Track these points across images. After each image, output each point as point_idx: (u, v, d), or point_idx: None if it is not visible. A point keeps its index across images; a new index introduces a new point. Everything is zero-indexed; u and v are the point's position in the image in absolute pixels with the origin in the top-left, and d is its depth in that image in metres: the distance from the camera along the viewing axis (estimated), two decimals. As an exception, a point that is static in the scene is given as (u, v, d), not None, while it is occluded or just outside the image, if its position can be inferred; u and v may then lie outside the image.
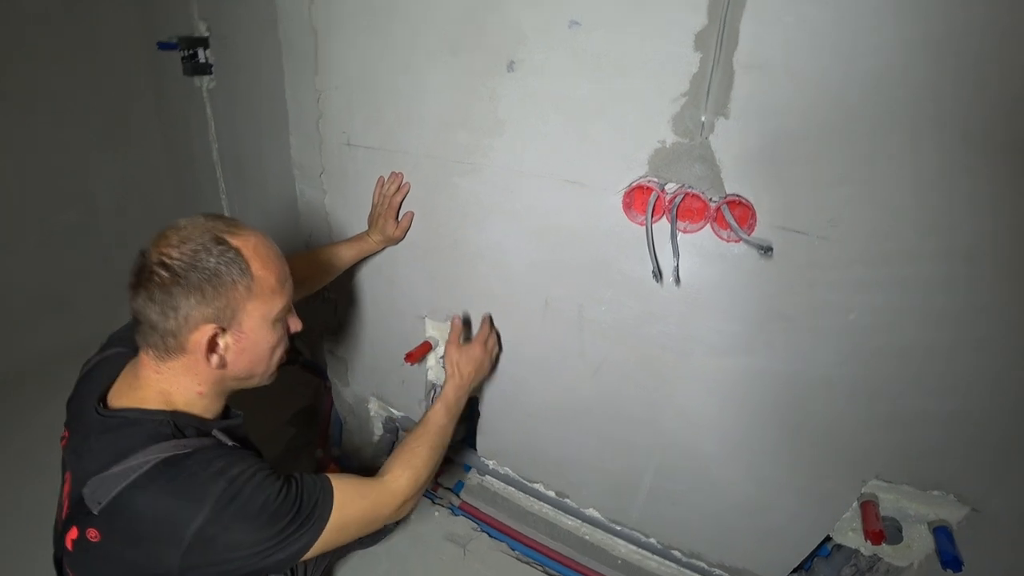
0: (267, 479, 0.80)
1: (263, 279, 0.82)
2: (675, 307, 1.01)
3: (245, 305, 0.81)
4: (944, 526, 0.97)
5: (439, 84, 1.06)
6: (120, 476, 0.74)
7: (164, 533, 0.73)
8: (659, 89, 0.86)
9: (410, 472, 0.99)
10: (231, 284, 0.78)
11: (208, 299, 0.77)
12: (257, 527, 0.76)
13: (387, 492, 0.95)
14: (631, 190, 0.93)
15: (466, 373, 1.17)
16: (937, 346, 0.83)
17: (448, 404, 1.13)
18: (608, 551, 1.57)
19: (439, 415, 1.11)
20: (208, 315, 0.78)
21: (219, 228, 0.80)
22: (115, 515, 0.74)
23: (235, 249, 0.79)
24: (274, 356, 0.91)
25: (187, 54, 1.85)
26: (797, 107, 0.77)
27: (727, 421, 1.08)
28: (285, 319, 0.90)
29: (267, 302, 0.84)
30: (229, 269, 0.78)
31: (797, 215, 0.84)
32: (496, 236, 1.14)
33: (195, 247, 0.76)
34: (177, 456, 0.77)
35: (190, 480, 0.75)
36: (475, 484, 1.76)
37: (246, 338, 0.83)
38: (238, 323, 0.82)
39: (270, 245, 0.86)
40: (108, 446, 0.77)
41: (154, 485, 0.74)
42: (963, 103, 0.69)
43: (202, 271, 0.76)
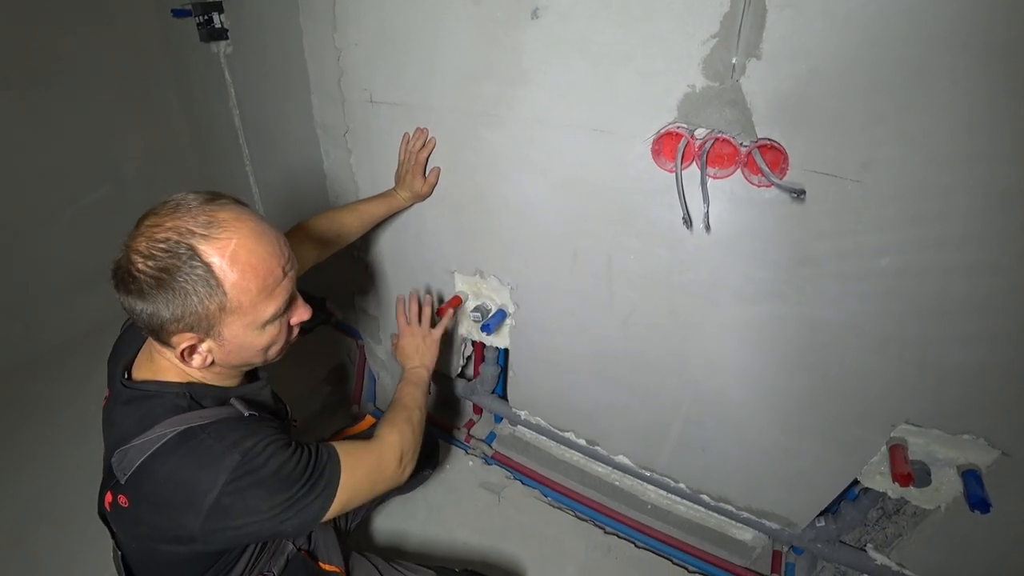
0: (280, 448, 0.81)
1: (240, 293, 0.75)
2: (705, 255, 1.00)
3: (222, 319, 0.76)
4: (973, 469, 0.98)
5: (461, 35, 1.04)
6: (141, 448, 0.76)
7: (184, 501, 0.75)
8: (688, 31, 0.83)
9: (396, 430, 1.04)
10: (199, 303, 0.73)
11: (177, 315, 0.73)
12: (271, 492, 0.78)
13: (385, 448, 0.99)
14: (660, 137, 0.92)
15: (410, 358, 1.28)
16: (973, 293, 0.82)
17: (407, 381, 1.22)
18: (638, 496, 1.62)
19: (404, 389, 1.19)
20: (181, 327, 0.74)
21: (195, 230, 0.72)
22: (139, 484, 0.76)
23: (205, 264, 0.71)
24: (270, 351, 0.87)
25: (202, 20, 1.83)
26: (831, 46, 0.75)
27: (755, 368, 1.09)
28: (281, 318, 0.84)
29: (247, 314, 0.78)
30: (197, 288, 0.72)
31: (830, 158, 0.82)
32: (523, 188, 1.14)
33: (163, 260, 0.70)
34: (193, 428, 0.77)
35: (207, 452, 0.76)
36: (507, 434, 1.81)
37: (230, 344, 0.80)
38: (218, 333, 0.78)
39: (257, 245, 0.76)
40: (129, 418, 0.80)
41: (173, 456, 0.75)
42: (1010, 36, 0.65)
43: (168, 290, 0.71)
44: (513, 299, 1.34)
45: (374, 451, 0.98)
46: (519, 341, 1.43)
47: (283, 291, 0.81)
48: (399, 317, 1.33)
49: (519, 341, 1.43)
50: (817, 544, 1.32)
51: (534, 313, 1.34)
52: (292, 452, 0.82)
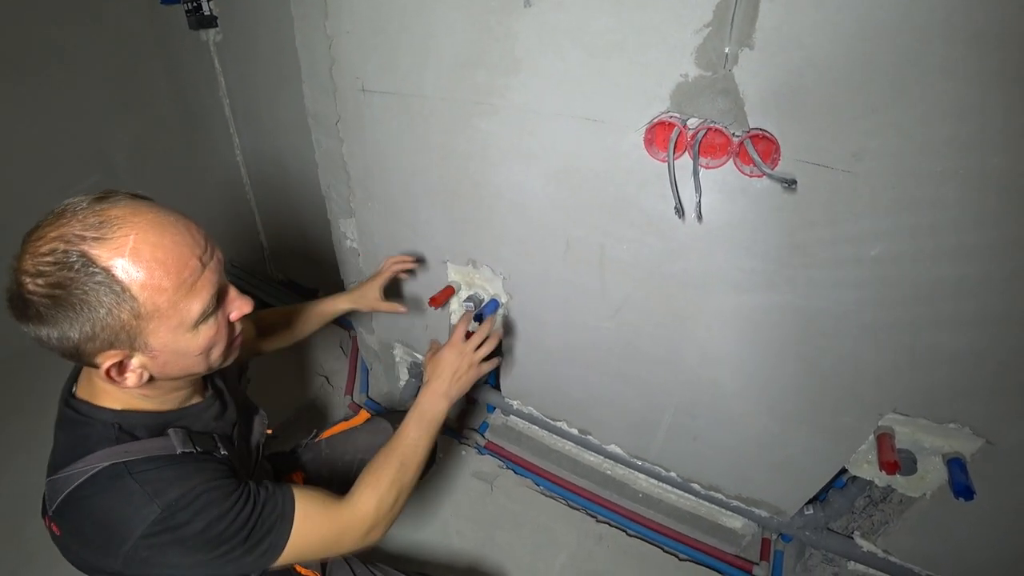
0: (214, 501, 0.73)
1: (153, 294, 0.66)
2: (697, 244, 1.01)
3: (141, 327, 0.67)
4: (958, 457, 0.99)
5: (454, 23, 1.03)
6: (67, 480, 0.71)
7: (102, 543, 0.71)
8: (681, 20, 0.83)
9: (377, 496, 0.90)
10: (108, 314, 0.64)
11: (88, 333, 0.64)
12: (193, 551, 0.72)
13: (354, 517, 0.87)
14: (653, 126, 0.92)
15: (441, 379, 1.05)
16: (962, 284, 0.83)
17: (420, 414, 1.02)
18: (629, 485, 1.63)
19: (410, 429, 1.00)
20: (99, 345, 0.66)
21: (85, 234, 0.63)
22: (65, 517, 0.72)
23: (103, 270, 0.62)
24: (212, 354, 0.77)
25: (191, 7, 1.81)
26: (824, 36, 0.75)
27: (747, 358, 1.10)
28: (218, 312, 0.75)
29: (171, 316, 0.68)
30: (100, 299, 0.63)
31: (821, 149, 0.82)
32: (516, 177, 1.14)
33: (54, 275, 0.61)
34: (117, 466, 0.71)
35: (127, 498, 0.70)
36: (500, 424, 1.82)
37: (163, 353, 0.71)
38: (143, 344, 0.69)
39: (161, 237, 0.66)
40: (61, 444, 0.76)
41: (94, 494, 0.70)
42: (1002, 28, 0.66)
43: (68, 307, 0.62)
44: (506, 289, 1.34)
45: (341, 517, 0.86)
46: (512, 331, 1.44)
47: (207, 284, 0.71)
48: (460, 328, 1.12)
49: (512, 331, 1.44)
50: (805, 531, 1.34)
51: (527, 303, 1.34)
52: (231, 505, 0.74)
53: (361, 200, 1.45)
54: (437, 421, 1.03)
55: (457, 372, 1.07)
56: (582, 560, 1.48)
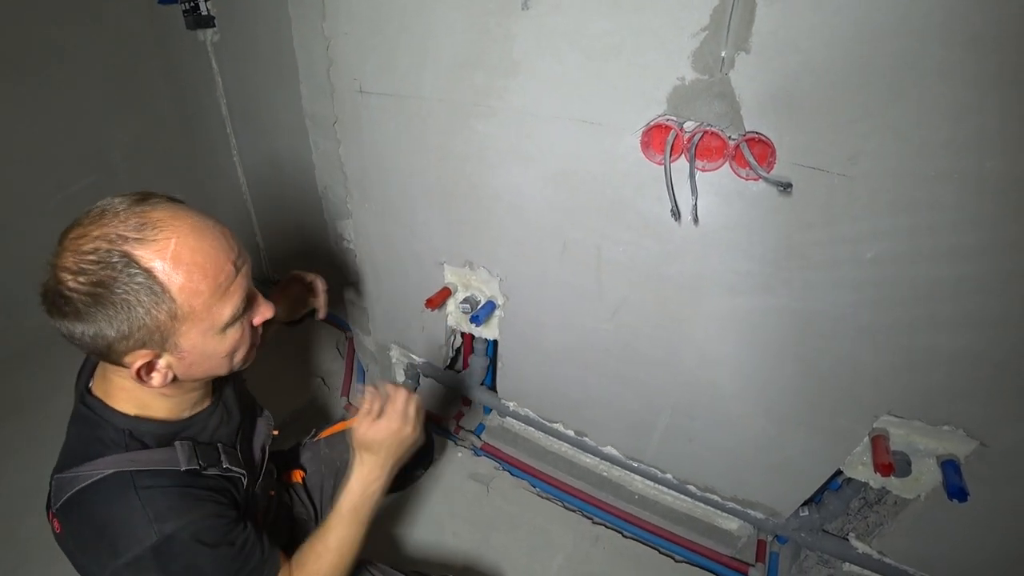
0: (202, 542, 0.74)
1: (190, 297, 0.67)
2: (693, 247, 1.01)
3: (175, 328, 0.69)
4: (952, 459, 1.00)
5: (452, 25, 1.03)
6: (73, 481, 0.72)
7: (95, 551, 0.72)
8: (678, 24, 0.84)
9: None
10: (146, 314, 0.65)
11: (124, 332, 0.65)
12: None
13: None
14: (649, 129, 0.92)
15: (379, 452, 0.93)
16: (958, 287, 0.84)
17: (351, 510, 0.92)
18: (625, 487, 1.64)
19: (338, 528, 0.91)
20: (132, 344, 0.67)
21: (127, 235, 0.64)
22: (67, 516, 0.73)
23: (145, 271, 0.64)
24: (236, 357, 0.79)
25: (188, 7, 1.81)
26: (820, 40, 0.75)
27: (743, 360, 1.10)
28: (242, 319, 0.77)
29: (203, 319, 0.70)
30: (140, 299, 0.64)
31: (817, 152, 0.83)
32: (513, 179, 1.14)
33: (96, 274, 0.63)
34: (123, 475, 0.72)
35: (128, 513, 0.70)
36: (496, 426, 1.82)
37: (191, 354, 0.73)
38: (174, 344, 0.70)
39: (200, 242, 0.68)
40: (72, 442, 0.77)
41: (98, 500, 0.71)
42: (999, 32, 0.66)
43: (108, 305, 0.63)
44: (502, 291, 1.35)
45: None
46: (508, 332, 1.44)
47: (239, 289, 0.73)
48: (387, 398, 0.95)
49: (508, 332, 1.44)
50: (801, 533, 1.35)
51: (523, 305, 1.34)
52: (221, 547, 0.75)
53: (358, 201, 1.45)
54: (370, 508, 0.94)
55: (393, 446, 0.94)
56: (578, 562, 1.48)
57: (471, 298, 1.40)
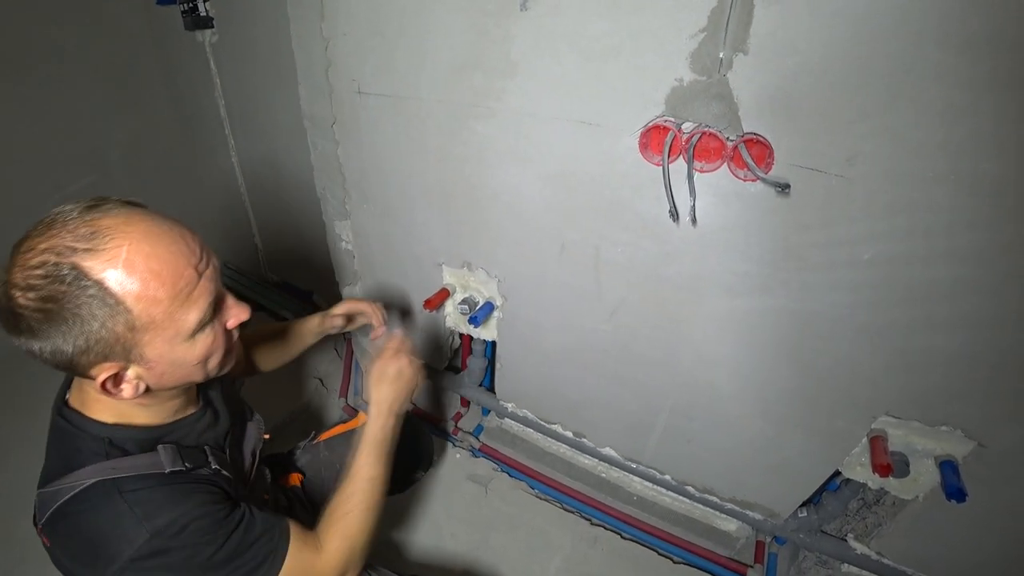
0: (198, 530, 0.72)
1: (149, 305, 0.64)
2: (691, 247, 1.01)
3: (137, 339, 0.66)
4: (950, 460, 1.00)
5: (450, 26, 1.04)
6: (55, 496, 0.70)
7: (89, 562, 0.69)
8: (676, 25, 0.84)
9: (349, 545, 0.88)
10: (101, 327, 0.62)
11: (82, 346, 0.62)
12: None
13: (327, 563, 0.86)
14: (647, 130, 0.92)
15: (384, 394, 1.01)
16: (955, 288, 0.84)
17: (374, 445, 0.97)
18: (624, 488, 1.63)
19: (367, 465, 0.95)
20: (93, 359, 0.64)
21: (75, 246, 0.61)
22: (55, 530, 0.71)
23: (95, 283, 0.61)
24: (210, 363, 0.76)
25: (187, 8, 1.81)
26: (817, 41, 0.75)
27: (741, 361, 1.11)
28: (214, 321, 0.74)
29: (167, 327, 0.67)
30: (93, 311, 0.61)
31: (815, 153, 0.83)
32: (512, 180, 1.14)
33: (45, 289, 0.60)
34: (106, 483, 0.69)
35: (116, 518, 0.68)
36: (494, 427, 1.82)
37: (160, 364, 0.70)
38: (139, 356, 0.67)
39: (155, 247, 0.65)
40: (52, 456, 0.75)
41: (83, 511, 0.69)
42: (993, 35, 0.66)
43: (60, 321, 0.60)
44: (501, 292, 1.35)
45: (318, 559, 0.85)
46: (507, 334, 1.44)
47: (204, 293, 0.70)
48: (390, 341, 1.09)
49: (507, 334, 1.44)
50: (799, 534, 1.35)
51: (522, 306, 1.34)
52: (219, 533, 0.73)
53: (356, 202, 1.45)
54: (391, 443, 0.99)
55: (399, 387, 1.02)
56: (577, 563, 1.48)
57: (469, 299, 1.40)
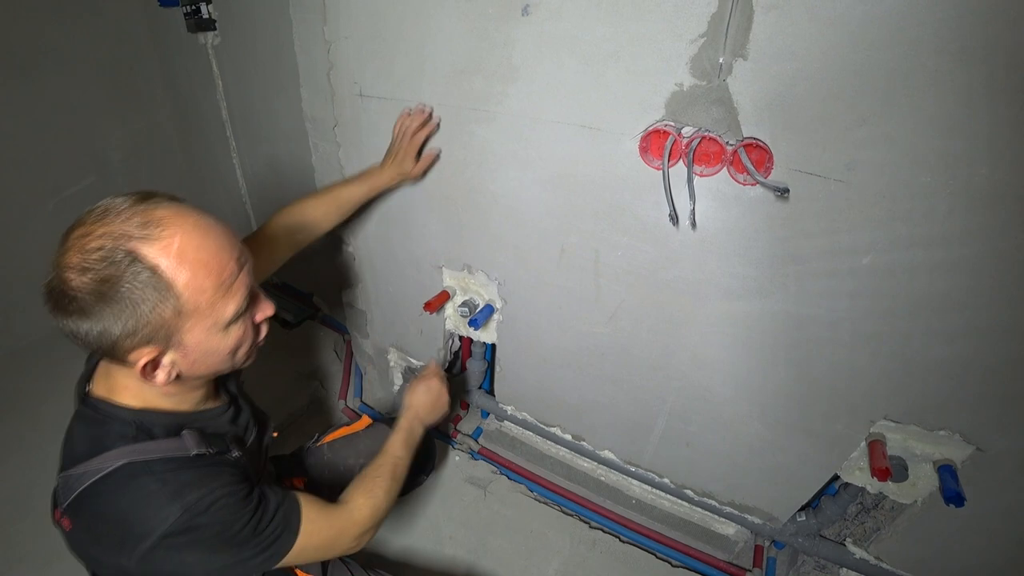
0: (230, 506, 0.75)
1: (195, 294, 0.69)
2: (691, 251, 1.02)
3: (180, 325, 0.70)
4: (949, 464, 1.00)
5: (452, 30, 1.04)
6: (82, 477, 0.72)
7: (118, 541, 0.71)
8: (676, 31, 0.84)
9: (372, 503, 0.98)
10: (151, 311, 0.66)
11: (129, 329, 0.66)
12: (209, 552, 0.74)
13: (350, 522, 0.93)
14: (648, 134, 0.93)
15: (419, 403, 1.21)
16: (952, 292, 0.84)
17: (408, 435, 1.15)
18: (623, 491, 1.63)
19: (397, 446, 1.11)
20: (137, 342, 0.68)
21: (131, 233, 0.65)
22: (78, 513, 0.73)
23: (150, 268, 0.65)
24: (238, 354, 0.81)
25: (189, 10, 1.81)
26: (817, 47, 0.76)
27: (740, 364, 1.11)
28: (244, 316, 0.78)
29: (207, 316, 0.72)
30: (145, 295, 0.65)
31: (814, 158, 0.83)
32: (512, 183, 1.14)
33: (102, 271, 0.63)
34: (135, 464, 0.72)
35: (147, 497, 0.71)
36: (493, 430, 1.82)
37: (195, 351, 0.74)
38: (178, 342, 0.71)
39: (204, 240, 0.70)
40: (76, 441, 0.77)
41: (112, 492, 0.71)
42: (988, 42, 0.67)
43: (113, 302, 0.64)
44: (501, 294, 1.35)
45: (337, 522, 0.92)
46: (506, 336, 1.44)
47: (241, 286, 0.75)
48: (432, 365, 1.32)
49: (506, 336, 1.44)
50: (798, 538, 1.35)
51: (521, 308, 1.34)
52: (244, 509, 0.77)
53: (357, 204, 1.45)
54: (417, 441, 1.17)
55: (439, 398, 1.25)
56: (575, 566, 1.48)
57: (469, 302, 1.40)
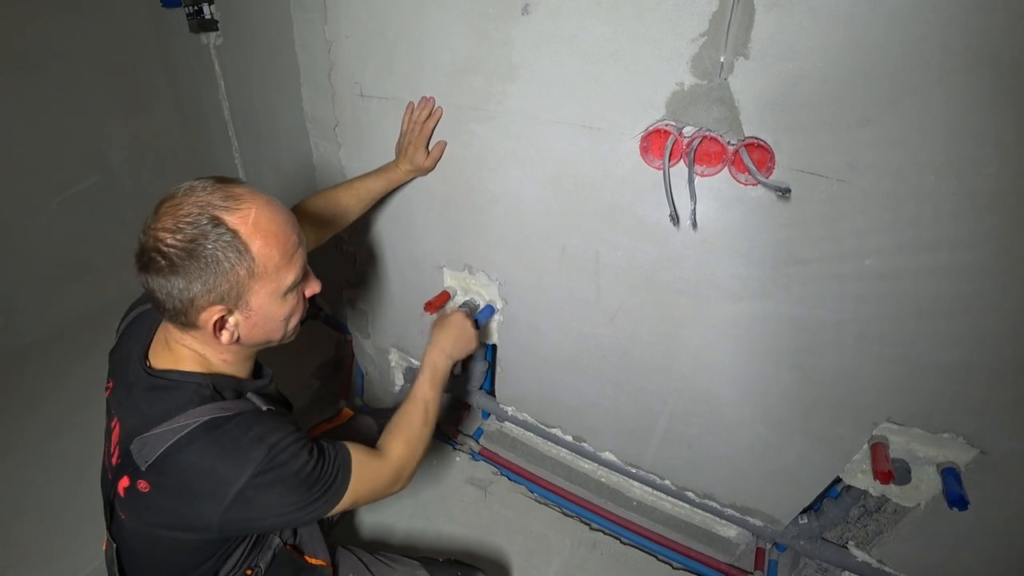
0: (301, 449, 0.84)
1: (265, 259, 0.79)
2: (692, 252, 1.01)
3: (250, 286, 0.79)
4: (952, 467, 0.99)
5: (452, 29, 1.04)
6: (165, 436, 0.78)
7: (207, 490, 0.79)
8: (677, 29, 0.84)
9: (407, 447, 1.04)
10: (230, 269, 0.76)
11: (209, 285, 0.76)
12: (289, 491, 0.82)
13: (390, 465, 1.00)
14: (648, 134, 0.92)
15: (443, 337, 1.21)
16: (956, 294, 0.83)
17: (433, 371, 1.15)
18: (624, 493, 1.63)
19: (426, 388, 1.13)
20: (212, 299, 0.77)
21: (216, 204, 0.75)
22: (162, 471, 0.79)
23: (232, 232, 0.75)
24: (290, 323, 0.90)
25: (192, 10, 1.81)
26: (819, 47, 0.75)
27: (742, 366, 1.10)
28: (299, 287, 0.88)
29: (272, 280, 0.81)
30: (227, 254, 0.75)
31: (816, 158, 0.83)
32: (512, 184, 1.14)
33: (191, 232, 0.73)
34: (218, 418, 0.80)
35: (233, 443, 0.79)
36: (494, 430, 1.82)
37: (256, 314, 0.83)
38: (245, 303, 0.80)
39: (274, 214, 0.80)
40: (154, 406, 0.82)
41: (198, 445, 0.78)
42: (992, 40, 0.66)
43: (199, 258, 0.74)
44: (501, 295, 1.35)
45: (380, 465, 0.99)
46: (507, 337, 1.44)
47: (300, 258, 0.85)
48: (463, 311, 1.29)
49: (507, 337, 1.44)
50: (800, 541, 1.34)
51: (522, 309, 1.34)
52: (310, 452, 0.85)
53: (358, 204, 1.45)
54: (444, 377, 1.18)
55: (463, 332, 1.23)
56: (575, 568, 1.48)
57: (470, 302, 1.40)
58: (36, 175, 2.03)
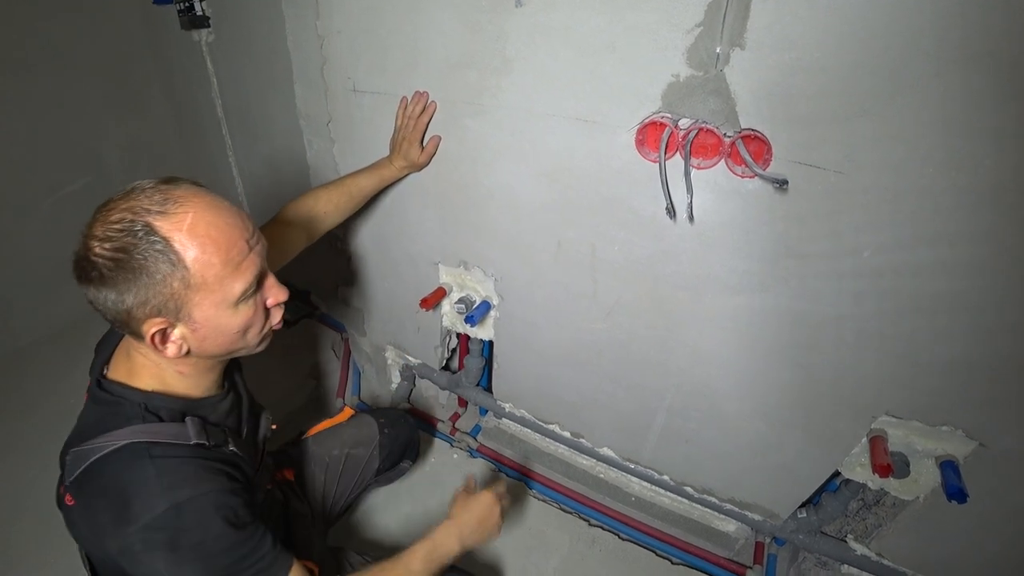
0: (215, 517, 0.75)
1: (203, 268, 0.72)
2: (688, 245, 1.00)
3: (189, 297, 0.73)
4: (951, 460, 0.99)
5: (445, 23, 1.03)
6: (89, 453, 0.74)
7: (112, 518, 0.72)
8: (673, 20, 0.83)
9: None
10: (162, 280, 0.70)
11: (141, 298, 0.70)
12: (179, 563, 0.73)
13: None
14: (644, 126, 0.91)
15: (467, 521, 1.06)
16: (954, 287, 0.83)
17: (433, 547, 1.00)
18: (622, 488, 1.62)
19: (416, 557, 0.98)
20: (148, 312, 0.71)
21: (150, 208, 0.69)
22: (82, 488, 0.75)
23: (163, 239, 0.69)
24: (248, 335, 0.82)
25: (183, 7, 1.80)
26: (816, 37, 0.74)
27: (739, 360, 1.10)
28: (256, 296, 0.81)
29: (215, 291, 0.74)
30: (158, 265, 0.69)
31: (813, 150, 0.82)
32: (507, 178, 1.13)
33: (121, 241, 0.68)
34: (137, 444, 0.74)
35: (144, 481, 0.73)
36: (492, 427, 1.81)
37: (204, 327, 0.76)
38: (187, 315, 0.74)
39: (215, 218, 0.73)
40: (90, 420, 0.79)
41: (111, 470, 0.74)
42: (992, 31, 0.65)
43: (128, 270, 0.68)
44: (497, 291, 1.34)
45: None
46: (504, 333, 1.43)
47: (251, 266, 0.77)
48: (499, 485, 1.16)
49: (504, 333, 1.43)
50: (799, 535, 1.34)
51: (518, 305, 1.33)
52: (231, 525, 0.76)
53: (352, 201, 1.44)
54: (445, 561, 1.01)
55: (487, 518, 1.09)
56: (574, 563, 1.47)
57: (466, 298, 1.39)
58: (29, 175, 2.00)
